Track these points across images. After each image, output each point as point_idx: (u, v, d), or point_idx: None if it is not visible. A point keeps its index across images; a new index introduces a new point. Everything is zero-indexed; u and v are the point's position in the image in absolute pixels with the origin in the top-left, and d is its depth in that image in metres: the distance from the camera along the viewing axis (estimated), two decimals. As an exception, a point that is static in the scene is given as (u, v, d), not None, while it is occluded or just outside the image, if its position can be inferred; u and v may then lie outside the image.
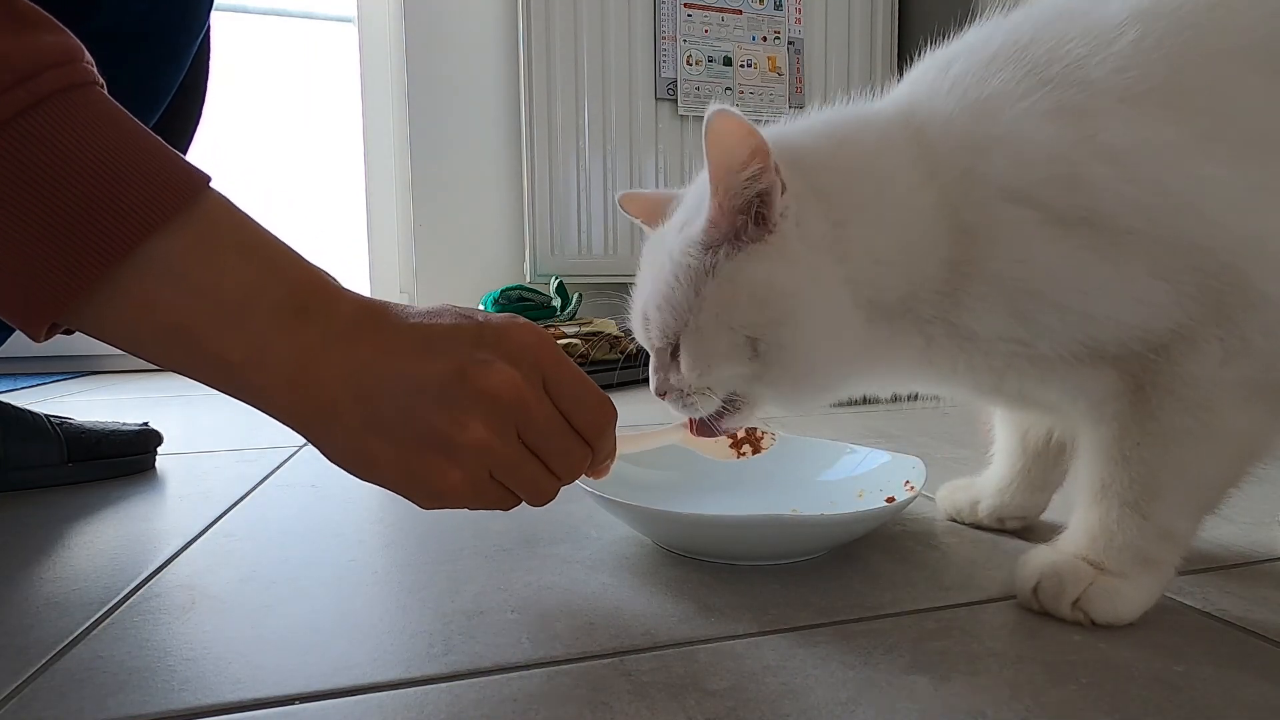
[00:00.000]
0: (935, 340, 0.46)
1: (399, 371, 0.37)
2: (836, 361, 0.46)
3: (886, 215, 0.44)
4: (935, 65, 0.48)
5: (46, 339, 0.35)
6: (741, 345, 0.44)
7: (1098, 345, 0.42)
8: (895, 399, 0.58)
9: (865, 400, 0.53)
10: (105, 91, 0.34)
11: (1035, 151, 0.41)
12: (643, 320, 0.49)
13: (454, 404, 0.37)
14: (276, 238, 0.38)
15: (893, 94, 0.51)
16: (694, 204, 0.48)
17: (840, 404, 0.53)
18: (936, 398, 0.55)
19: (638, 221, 0.57)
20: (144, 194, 0.33)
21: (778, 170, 0.43)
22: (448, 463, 0.38)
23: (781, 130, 0.49)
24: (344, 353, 0.37)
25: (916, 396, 0.54)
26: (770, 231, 0.44)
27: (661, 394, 0.49)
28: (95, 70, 0.34)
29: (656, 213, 0.54)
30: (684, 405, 0.48)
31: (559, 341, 1.57)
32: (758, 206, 0.44)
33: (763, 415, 0.51)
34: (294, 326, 0.36)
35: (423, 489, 0.40)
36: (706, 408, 0.48)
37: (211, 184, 0.36)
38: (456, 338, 0.38)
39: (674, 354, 0.47)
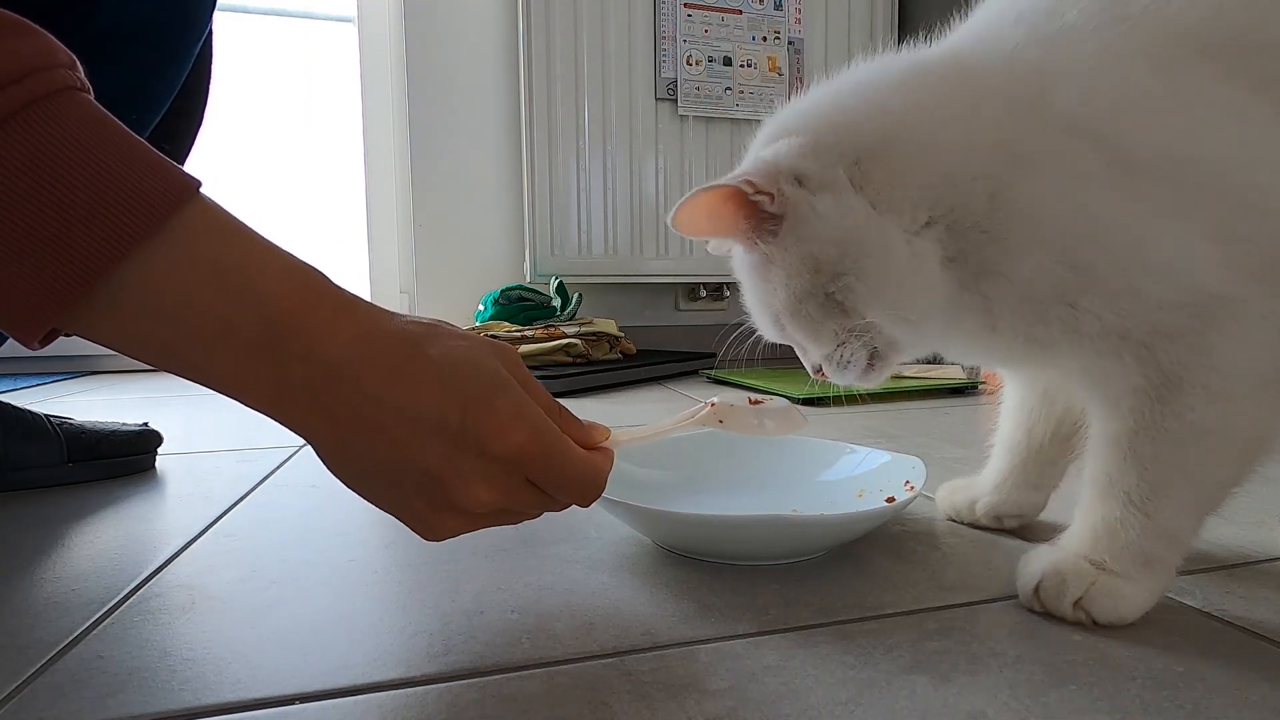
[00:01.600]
0: (973, 292, 0.44)
1: (375, 450, 0.37)
2: (911, 290, 0.44)
3: (906, 150, 0.43)
4: (1001, 2, 0.47)
5: (43, 345, 0.35)
6: (825, 304, 0.45)
7: (1141, 308, 0.40)
8: (896, 399, 0.57)
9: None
10: (87, 95, 0.33)
11: (1110, 90, 0.40)
12: (758, 324, 0.52)
13: (432, 499, 0.38)
14: (264, 250, 0.36)
15: (953, 32, 0.49)
16: None
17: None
18: (936, 396, 0.55)
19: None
20: (117, 213, 0.31)
21: (756, 188, 0.43)
22: (424, 526, 0.40)
23: (802, 103, 0.48)
24: (320, 399, 0.36)
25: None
26: (783, 217, 0.44)
27: (818, 372, 0.50)
28: (76, 72, 0.33)
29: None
30: (838, 369, 0.48)
31: (558, 342, 1.57)
32: (757, 220, 0.45)
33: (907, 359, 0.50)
34: (268, 361, 0.35)
35: (403, 521, 0.41)
36: (857, 361, 0.47)
37: (198, 192, 0.34)
38: (440, 430, 0.36)
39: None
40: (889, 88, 0.45)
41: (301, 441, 0.97)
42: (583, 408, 1.21)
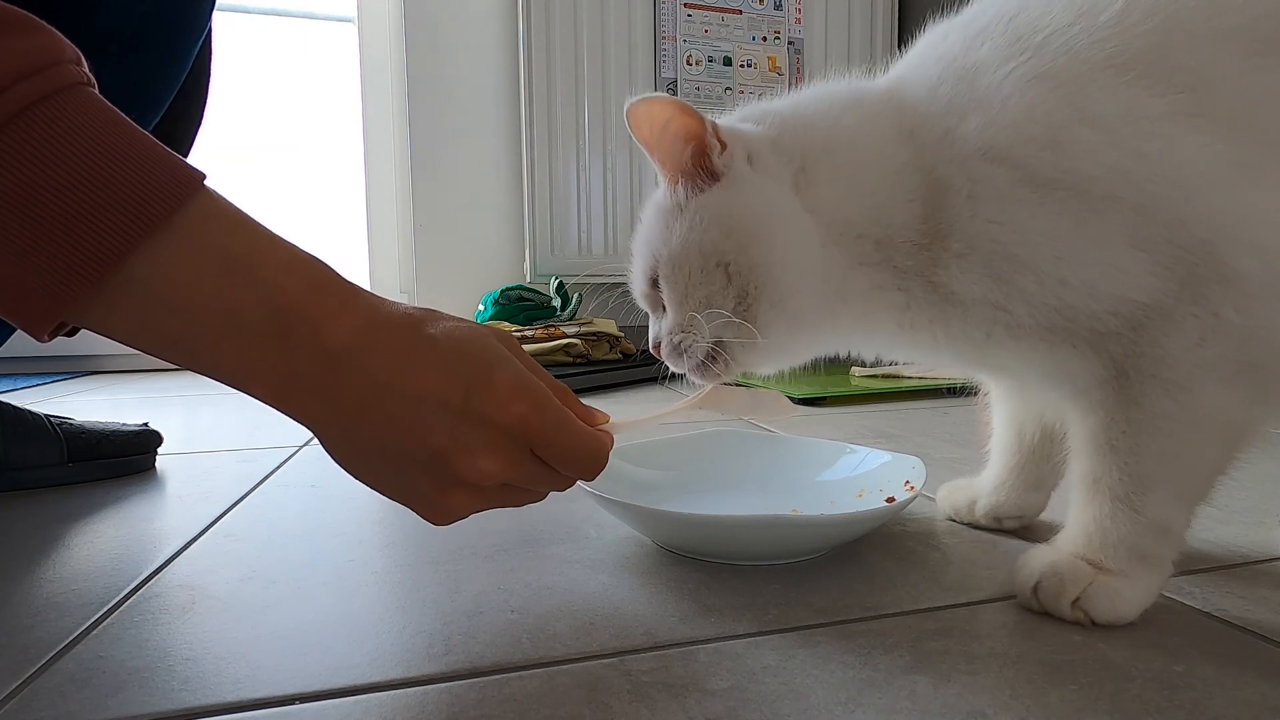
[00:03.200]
0: (915, 298, 0.47)
1: (382, 435, 0.37)
2: (810, 295, 0.47)
3: (851, 165, 0.46)
4: (933, 37, 0.49)
5: (52, 339, 0.35)
6: (714, 271, 0.46)
7: (1073, 314, 0.42)
8: (899, 398, 0.58)
9: (844, 360, 0.55)
10: (92, 89, 0.33)
11: (1015, 113, 0.42)
12: (632, 275, 0.52)
13: (438, 477, 0.38)
14: (269, 241, 0.36)
15: (894, 67, 0.52)
16: None
17: (822, 360, 0.54)
18: (936, 396, 0.56)
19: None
20: (125, 206, 0.32)
21: (715, 131, 0.46)
22: (431, 508, 0.41)
23: (769, 103, 0.52)
24: (327, 388, 0.36)
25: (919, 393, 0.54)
26: (720, 176, 0.46)
27: (656, 346, 0.51)
28: (82, 68, 0.33)
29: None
30: (675, 351, 0.49)
31: (558, 342, 1.57)
32: (698, 161, 0.47)
33: (746, 369, 0.51)
34: (275, 351, 0.35)
35: (411, 506, 0.41)
36: (696, 349, 0.49)
37: (203, 184, 0.35)
38: (444, 409, 0.37)
39: (663, 307, 0.50)
40: (842, 107, 0.48)
41: (301, 441, 0.97)
42: (583, 408, 1.21)
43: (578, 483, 0.56)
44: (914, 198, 0.45)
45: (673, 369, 0.50)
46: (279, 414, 0.38)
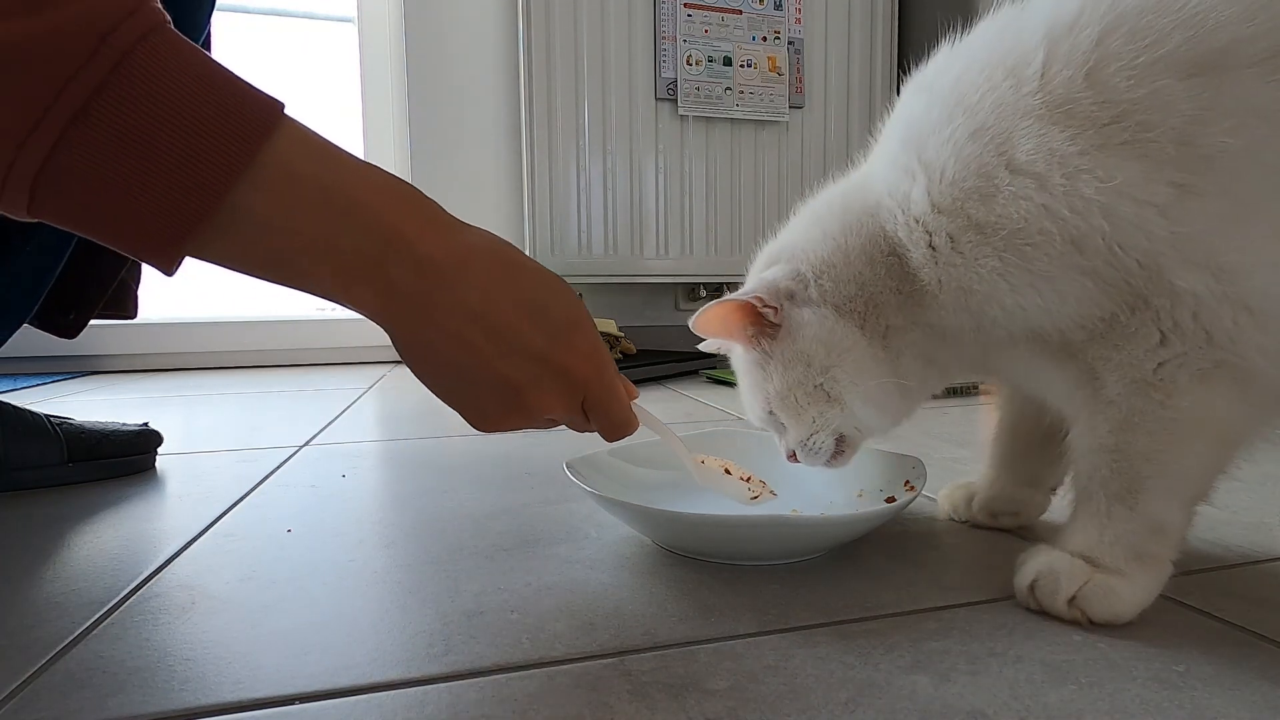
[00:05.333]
0: (921, 341, 0.52)
1: (463, 357, 0.41)
2: (877, 374, 0.53)
3: (840, 258, 0.52)
4: (906, 97, 0.53)
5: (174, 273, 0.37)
6: (814, 392, 0.54)
7: (1043, 333, 0.46)
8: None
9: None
10: (171, 25, 0.34)
11: (953, 170, 0.45)
12: (749, 411, 0.60)
13: (504, 402, 0.43)
14: (355, 167, 0.39)
15: (878, 135, 0.57)
16: None
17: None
18: (935, 396, 0.60)
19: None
20: (227, 137, 0.34)
21: (762, 303, 0.53)
22: (485, 421, 0.45)
23: (781, 241, 0.58)
24: (421, 301, 0.39)
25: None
26: (779, 325, 0.54)
27: (790, 455, 0.58)
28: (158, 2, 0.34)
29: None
30: (809, 454, 0.56)
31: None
32: (761, 327, 0.54)
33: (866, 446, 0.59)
34: (376, 266, 0.38)
35: (464, 415, 0.45)
36: (825, 448, 0.55)
37: (284, 111, 0.36)
38: (526, 351, 0.42)
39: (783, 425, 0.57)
40: (829, 218, 0.54)
41: (302, 441, 0.97)
42: (583, 408, 1.21)
43: (577, 483, 0.57)
44: (886, 258, 0.50)
45: (810, 464, 0.57)
46: (274, 418, 0.38)
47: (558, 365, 0.43)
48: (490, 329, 0.41)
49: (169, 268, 0.35)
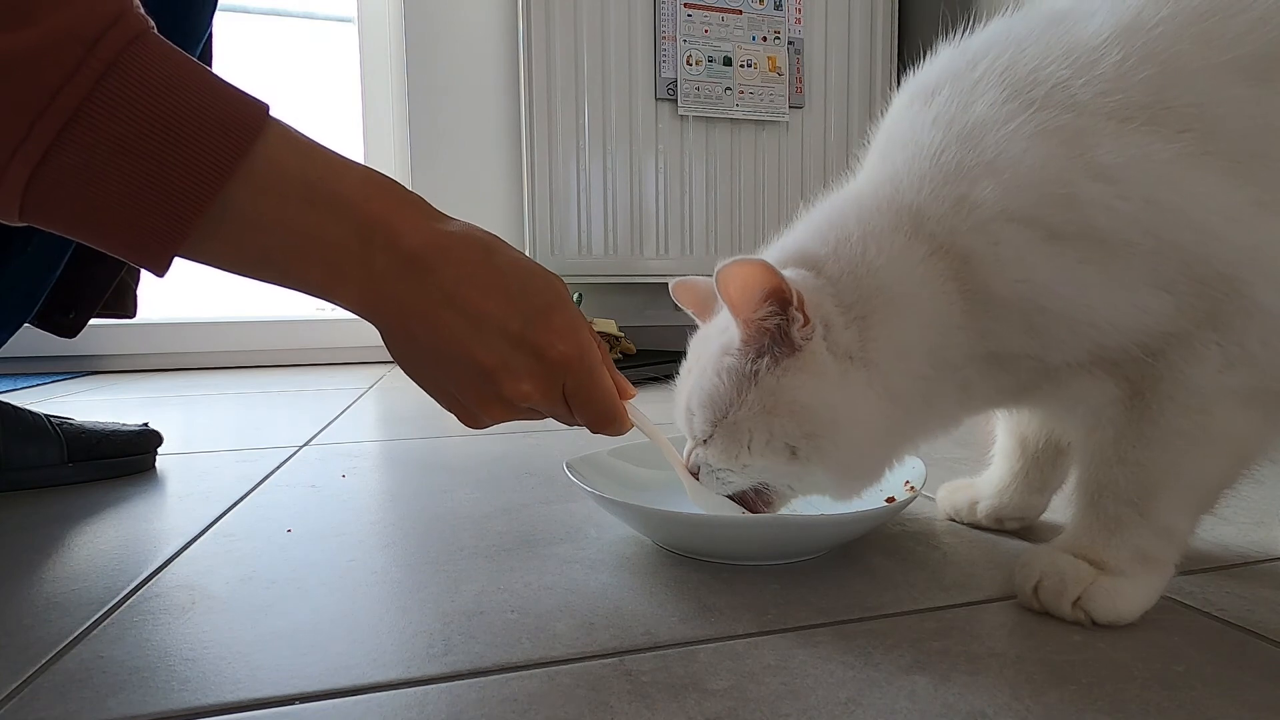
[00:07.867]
0: (971, 382, 0.47)
1: (439, 343, 0.41)
2: (873, 457, 0.48)
3: (896, 301, 0.45)
4: (919, 95, 0.48)
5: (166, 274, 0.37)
6: (779, 449, 0.46)
7: (1102, 351, 0.43)
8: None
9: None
10: (155, 31, 0.35)
11: (1027, 173, 0.41)
12: (686, 413, 0.50)
13: (482, 391, 0.43)
14: (339, 164, 0.39)
15: (875, 143, 0.51)
16: None
17: None
18: None
19: (689, 311, 0.57)
20: (215, 139, 0.34)
21: (800, 304, 0.44)
22: (468, 415, 0.45)
23: (800, 242, 0.49)
24: (401, 286, 0.40)
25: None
26: (798, 349, 0.45)
27: (694, 472, 0.51)
28: (142, 8, 0.35)
29: (708, 305, 0.55)
30: (716, 480, 0.49)
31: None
32: (781, 330, 0.45)
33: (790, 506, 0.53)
34: (359, 256, 0.39)
35: (451, 410, 0.46)
36: (736, 486, 0.49)
37: (269, 113, 0.37)
38: (501, 332, 0.41)
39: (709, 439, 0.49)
40: (869, 238, 0.46)
41: (302, 441, 0.97)
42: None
43: (577, 483, 0.57)
44: (948, 297, 0.44)
45: (709, 488, 0.50)
46: (273, 418, 0.38)
47: (533, 345, 0.42)
48: (465, 311, 0.41)
49: (161, 269, 0.36)
